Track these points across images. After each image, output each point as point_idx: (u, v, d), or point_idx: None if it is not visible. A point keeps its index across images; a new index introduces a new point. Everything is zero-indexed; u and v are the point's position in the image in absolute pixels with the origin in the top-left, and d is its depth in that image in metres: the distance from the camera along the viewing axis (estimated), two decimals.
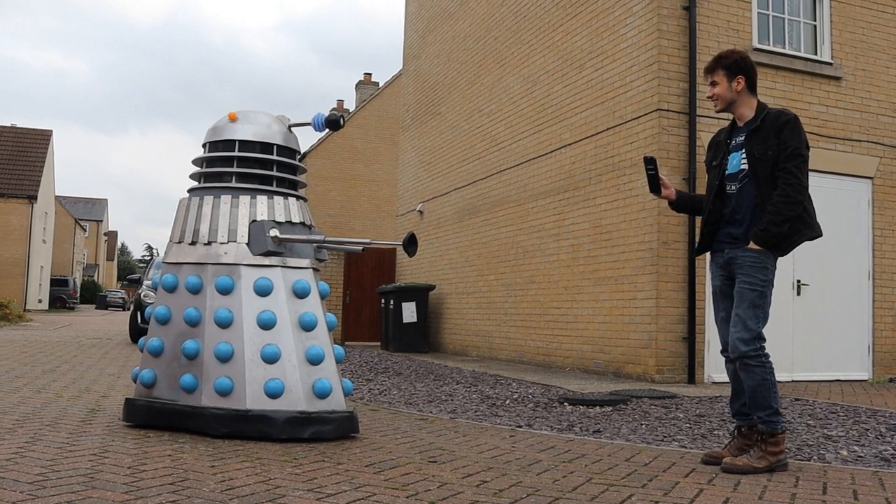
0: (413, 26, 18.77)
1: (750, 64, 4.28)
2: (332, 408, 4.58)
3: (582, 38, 11.25)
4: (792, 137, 4.05)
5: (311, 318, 4.63)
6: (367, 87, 39.16)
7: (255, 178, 4.83)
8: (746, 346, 4.02)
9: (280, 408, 4.44)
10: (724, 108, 4.31)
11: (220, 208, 4.71)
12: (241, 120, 4.86)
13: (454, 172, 15.51)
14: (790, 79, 10.18)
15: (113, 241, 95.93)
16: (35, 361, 9.36)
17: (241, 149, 4.82)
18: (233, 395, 4.45)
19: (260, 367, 4.47)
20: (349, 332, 17.90)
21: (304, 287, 4.66)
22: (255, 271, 4.61)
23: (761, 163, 4.10)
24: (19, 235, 40.83)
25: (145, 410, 4.71)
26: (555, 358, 11.36)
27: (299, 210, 4.85)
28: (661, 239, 9.31)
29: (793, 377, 9.75)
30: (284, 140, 4.90)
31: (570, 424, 5.78)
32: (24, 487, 3.09)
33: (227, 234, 4.66)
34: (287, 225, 4.75)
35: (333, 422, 4.53)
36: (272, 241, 4.61)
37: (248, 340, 4.49)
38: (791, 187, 4.00)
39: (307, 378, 4.54)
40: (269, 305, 4.57)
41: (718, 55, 4.32)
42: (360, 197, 34.79)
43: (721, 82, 4.24)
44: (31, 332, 18.12)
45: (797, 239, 4.09)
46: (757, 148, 4.12)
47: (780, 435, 4.02)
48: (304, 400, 4.49)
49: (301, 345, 4.58)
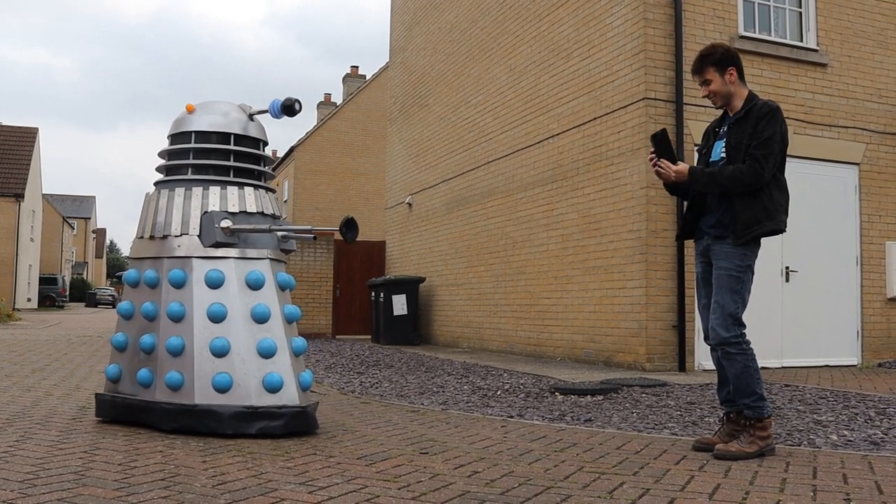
0: (399, 18, 18.73)
1: (735, 53, 4.30)
2: (284, 402, 4.39)
3: (568, 27, 11.25)
4: (767, 127, 4.06)
5: (263, 309, 4.46)
6: (355, 80, 39.14)
7: (212, 168, 4.70)
8: (726, 332, 4.04)
9: (227, 402, 4.31)
10: (723, 104, 4.30)
11: (174, 201, 4.62)
12: (199, 111, 4.75)
13: (442, 164, 15.50)
14: (776, 66, 10.20)
15: (101, 238, 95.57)
16: (24, 360, 9.32)
17: (198, 140, 4.71)
18: (182, 389, 4.38)
19: (209, 360, 4.36)
20: (339, 325, 17.87)
21: (258, 278, 4.52)
22: (207, 263, 4.50)
23: (736, 150, 4.12)
24: (7, 234, 40.63)
25: (110, 405, 4.71)
26: (545, 348, 11.38)
27: (257, 200, 4.68)
28: (649, 227, 9.33)
29: (782, 363, 9.79)
30: (243, 129, 4.75)
31: (561, 414, 5.79)
32: (15, 486, 3.08)
33: (181, 227, 4.55)
34: (242, 215, 4.59)
35: (282, 417, 4.35)
36: (223, 231, 4.47)
37: (197, 334, 4.40)
38: (749, 168, 4.01)
39: (257, 372, 4.38)
40: (220, 298, 4.45)
41: (702, 53, 4.31)
42: (348, 190, 34.78)
43: (714, 79, 4.24)
44: (21, 330, 18.03)
45: (757, 230, 4.06)
46: (735, 137, 4.14)
47: (767, 419, 4.06)
48: (254, 394, 4.34)
49: (252, 338, 4.42)
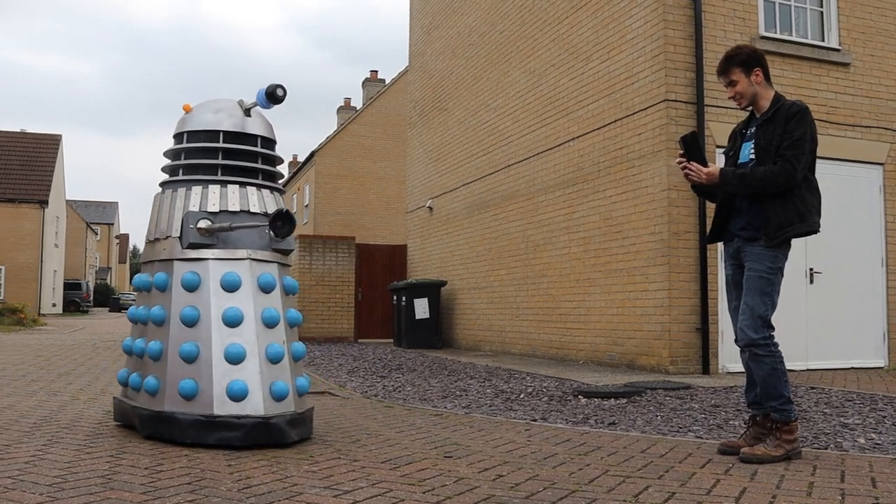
0: (418, 22, 18.77)
1: (761, 54, 4.29)
2: (247, 412, 4.08)
3: (587, 29, 11.23)
4: (797, 127, 4.04)
5: (234, 313, 4.20)
6: (374, 85, 39.25)
7: (200, 168, 4.51)
8: (755, 334, 4.02)
9: (190, 410, 4.11)
10: (748, 104, 4.28)
11: (162, 203, 4.52)
12: (195, 110, 4.62)
13: (463, 168, 15.51)
14: (798, 66, 10.13)
15: (125, 243, 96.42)
16: (51, 365, 9.40)
17: (189, 140, 4.56)
18: (157, 395, 4.27)
19: (179, 366, 4.19)
20: (362, 329, 17.95)
21: (233, 280, 4.25)
22: (184, 265, 4.32)
23: (765, 152, 4.09)
24: (31, 240, 41.04)
25: (119, 409, 4.72)
26: (568, 351, 11.35)
27: (242, 197, 4.41)
28: (672, 230, 9.29)
29: (807, 366, 9.72)
30: (233, 126, 4.51)
31: (585, 417, 5.78)
32: (44, 489, 3.11)
33: (165, 229, 4.44)
34: (224, 214, 4.34)
35: (241, 428, 4.05)
36: (197, 232, 4.27)
37: (172, 338, 4.24)
38: (780, 169, 4.00)
39: (222, 379, 4.12)
40: (195, 301, 4.25)
41: (728, 54, 4.29)
42: (368, 194, 34.84)
43: (740, 80, 4.22)
44: (46, 335, 18.20)
45: (789, 231, 4.05)
46: (764, 138, 4.12)
47: (794, 423, 4.04)
48: (216, 402, 4.08)
49: (221, 342, 4.18)
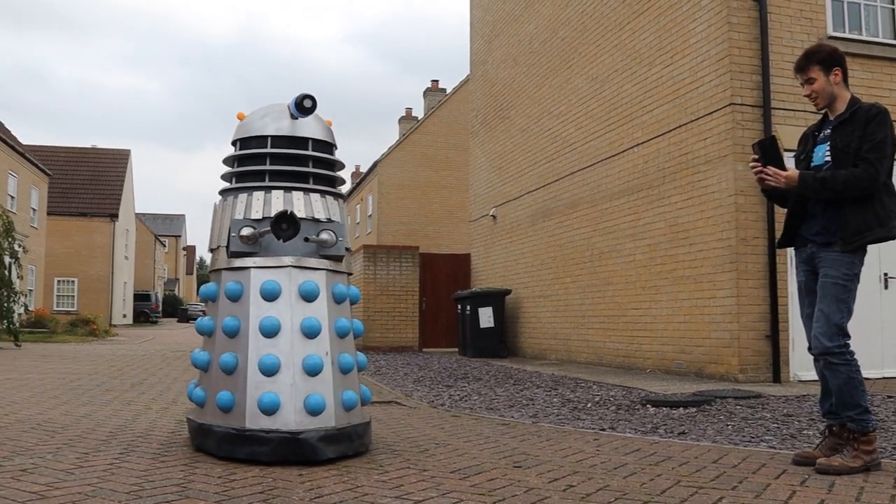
0: (478, 31, 18.81)
1: (842, 55, 4.19)
2: (276, 426, 3.93)
3: (650, 34, 11.13)
4: (878, 130, 3.95)
5: (271, 322, 4.05)
6: (435, 94, 39.42)
7: (249, 175, 4.39)
8: (830, 342, 3.92)
9: (225, 423, 4.03)
10: (825, 105, 4.18)
11: (216, 213, 4.47)
12: (246, 118, 4.52)
13: (526, 176, 15.48)
14: (868, 66, 9.88)
15: (192, 255, 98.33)
16: (123, 375, 9.64)
17: (241, 147, 4.46)
18: (204, 407, 4.25)
19: (219, 377, 4.13)
20: (426, 338, 18.02)
21: (272, 289, 4.10)
22: (229, 275, 4.23)
23: (843, 154, 4.00)
24: (102, 253, 42.27)
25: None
26: (635, 360, 11.23)
27: (286, 203, 4.23)
28: (739, 235, 9.14)
29: (882, 373, 9.45)
30: (278, 130, 4.35)
31: (654, 426, 5.71)
32: (122, 497, 3.19)
33: (217, 239, 4.37)
34: (267, 221, 4.20)
35: (269, 443, 3.91)
36: (240, 240, 4.15)
37: (216, 349, 4.19)
38: (863, 173, 3.90)
39: (255, 391, 3.99)
40: (237, 311, 4.16)
41: (808, 51, 4.20)
42: (432, 203, 34.96)
43: (818, 77, 4.13)
44: (118, 346, 18.67)
45: (868, 236, 3.94)
46: (841, 140, 4.02)
47: (872, 433, 3.93)
48: (248, 415, 3.97)
49: (256, 353, 4.05)
